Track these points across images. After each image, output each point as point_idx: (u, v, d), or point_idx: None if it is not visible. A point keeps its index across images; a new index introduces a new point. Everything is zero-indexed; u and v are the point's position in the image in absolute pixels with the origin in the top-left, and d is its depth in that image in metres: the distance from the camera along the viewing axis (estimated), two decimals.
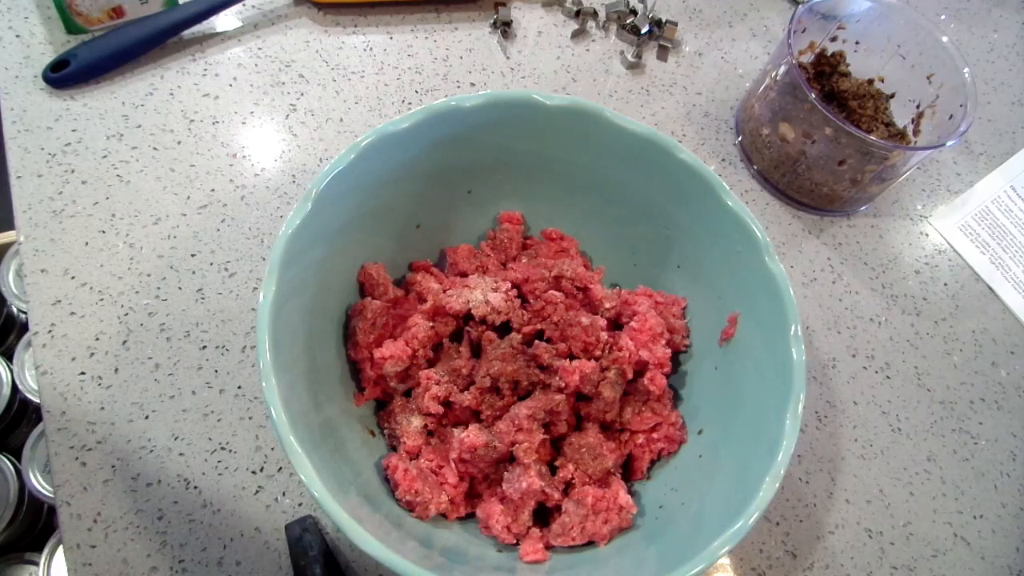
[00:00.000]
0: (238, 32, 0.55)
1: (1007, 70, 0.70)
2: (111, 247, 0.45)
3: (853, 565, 0.45)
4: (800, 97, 0.51)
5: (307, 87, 0.54)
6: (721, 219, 0.40)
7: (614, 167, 0.43)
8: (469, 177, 0.44)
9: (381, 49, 0.57)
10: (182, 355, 0.43)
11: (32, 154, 0.47)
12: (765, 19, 0.67)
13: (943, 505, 0.48)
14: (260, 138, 0.51)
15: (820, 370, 0.51)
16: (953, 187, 0.62)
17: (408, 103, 0.55)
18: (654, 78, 0.61)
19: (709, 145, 0.59)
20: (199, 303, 0.45)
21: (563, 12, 0.62)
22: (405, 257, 0.45)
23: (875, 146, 0.49)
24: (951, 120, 0.53)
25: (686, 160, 0.40)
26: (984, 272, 0.58)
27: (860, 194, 0.55)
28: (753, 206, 0.57)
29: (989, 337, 0.55)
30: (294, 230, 0.34)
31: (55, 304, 0.43)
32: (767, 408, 0.36)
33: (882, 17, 0.57)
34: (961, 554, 0.47)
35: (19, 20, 0.51)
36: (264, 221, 0.48)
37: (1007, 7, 0.75)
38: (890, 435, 0.50)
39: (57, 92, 0.49)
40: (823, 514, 0.46)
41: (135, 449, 0.40)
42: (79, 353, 0.42)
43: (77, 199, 0.46)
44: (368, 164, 0.38)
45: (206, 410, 0.42)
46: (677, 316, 0.44)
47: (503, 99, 0.40)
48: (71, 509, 0.38)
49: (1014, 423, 0.52)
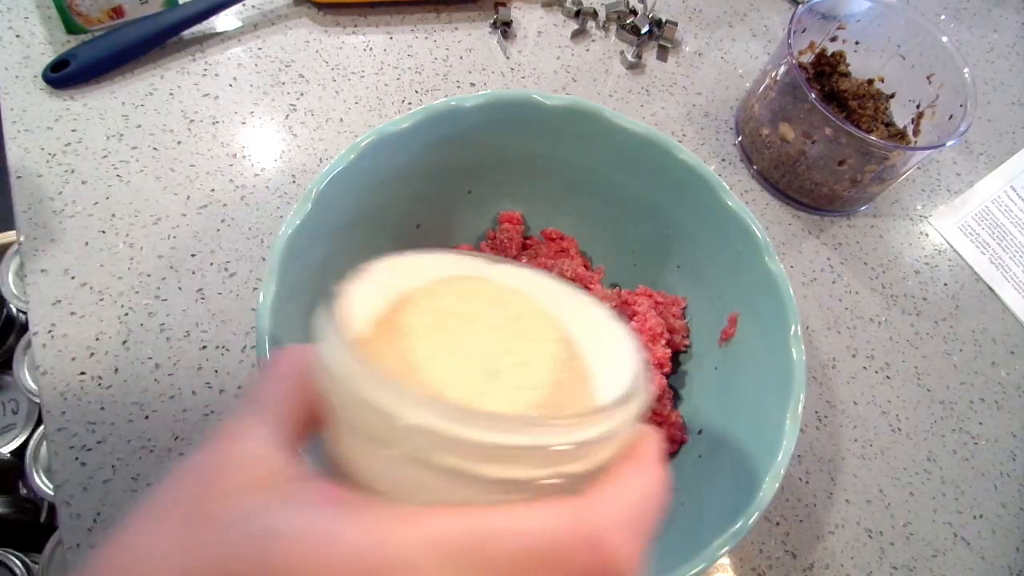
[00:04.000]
0: (238, 32, 0.55)
1: (1007, 70, 0.70)
2: (111, 247, 0.45)
3: (853, 565, 0.45)
4: (800, 97, 0.51)
5: (307, 87, 0.54)
6: (721, 219, 0.40)
7: (614, 167, 0.43)
8: (469, 177, 0.44)
9: (381, 49, 0.57)
10: (182, 355, 0.43)
11: (32, 154, 0.47)
12: (765, 19, 0.67)
13: (943, 505, 0.48)
14: (260, 138, 0.51)
15: (820, 370, 0.51)
16: (953, 187, 0.62)
17: (408, 103, 0.55)
18: (654, 78, 0.61)
19: (709, 145, 0.59)
20: (199, 303, 0.45)
21: (563, 12, 0.62)
22: None
23: (875, 146, 0.49)
24: (951, 120, 0.53)
25: (686, 160, 0.40)
26: (984, 272, 0.58)
27: (860, 194, 0.55)
28: (753, 206, 0.57)
29: (989, 337, 0.55)
30: (294, 230, 0.34)
31: (55, 304, 0.43)
32: (767, 408, 0.36)
33: (882, 17, 0.57)
34: (961, 554, 0.47)
35: (19, 20, 0.51)
36: (264, 221, 0.48)
37: (1007, 7, 0.75)
38: (890, 435, 0.50)
39: (57, 92, 0.49)
40: (823, 514, 0.46)
41: (135, 449, 0.40)
42: (79, 353, 0.42)
43: (77, 199, 0.46)
44: (368, 164, 0.38)
45: (206, 410, 0.42)
46: (677, 316, 0.44)
47: (503, 99, 0.40)
48: (71, 509, 0.38)
49: (1014, 423, 0.52)
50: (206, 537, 0.17)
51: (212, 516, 0.18)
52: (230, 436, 0.20)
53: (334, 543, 0.16)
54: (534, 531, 0.17)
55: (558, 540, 0.17)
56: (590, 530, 0.17)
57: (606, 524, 0.17)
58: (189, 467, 0.19)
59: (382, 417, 0.18)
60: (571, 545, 0.17)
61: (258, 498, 0.18)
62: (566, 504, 0.17)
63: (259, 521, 0.17)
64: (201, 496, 0.18)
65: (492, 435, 0.17)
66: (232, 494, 0.18)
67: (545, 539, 0.17)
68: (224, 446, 0.19)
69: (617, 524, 0.17)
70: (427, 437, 0.17)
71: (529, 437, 0.17)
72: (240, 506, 0.18)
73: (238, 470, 0.19)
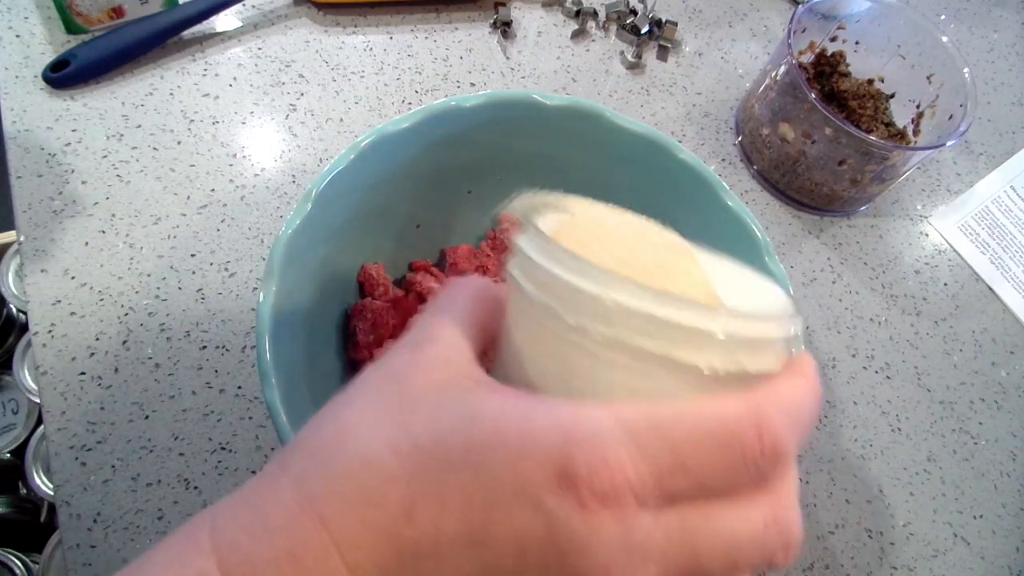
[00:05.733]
0: (238, 32, 0.55)
1: (1007, 70, 0.70)
2: (111, 247, 0.45)
3: (853, 565, 0.45)
4: (800, 97, 0.51)
5: (307, 87, 0.54)
6: (721, 219, 0.40)
7: (614, 167, 0.43)
8: (469, 177, 0.44)
9: (381, 49, 0.57)
10: (182, 355, 0.43)
11: (32, 154, 0.47)
12: (765, 19, 0.67)
13: (943, 505, 0.48)
14: (260, 138, 0.51)
15: (820, 370, 0.51)
16: (953, 187, 0.62)
17: (408, 103, 0.55)
18: (654, 78, 0.61)
19: (709, 145, 0.59)
20: (199, 303, 0.45)
21: (563, 12, 0.62)
22: (405, 257, 0.45)
23: (875, 146, 0.49)
24: (951, 120, 0.53)
25: (686, 160, 0.40)
26: (984, 272, 0.58)
27: (860, 194, 0.55)
28: (753, 206, 0.57)
29: (989, 337, 0.55)
30: (294, 230, 0.34)
31: (55, 304, 0.43)
32: None
33: (882, 17, 0.57)
34: (961, 554, 0.47)
35: (19, 20, 0.51)
36: (264, 221, 0.48)
37: (1007, 7, 0.75)
38: (890, 435, 0.50)
39: (57, 92, 0.49)
40: (823, 514, 0.46)
41: (135, 449, 0.40)
42: (79, 353, 0.42)
43: (77, 199, 0.46)
44: (368, 164, 0.38)
45: (206, 410, 0.42)
46: None
47: (503, 99, 0.40)
48: (71, 509, 0.38)
49: (1014, 423, 0.52)
50: (414, 416, 0.19)
51: (417, 400, 0.20)
52: (425, 340, 0.22)
53: (531, 419, 0.18)
54: (712, 415, 0.18)
55: (731, 423, 0.18)
56: (759, 416, 0.19)
57: (773, 414, 0.19)
58: (390, 364, 0.21)
59: (588, 299, 0.19)
60: (743, 428, 0.18)
61: (456, 389, 0.20)
62: (740, 396, 0.19)
63: (462, 403, 0.19)
64: (405, 387, 0.20)
65: (691, 317, 0.19)
66: (432, 387, 0.20)
67: (721, 422, 0.18)
68: (422, 348, 0.21)
69: (783, 415, 0.19)
70: (631, 318, 0.19)
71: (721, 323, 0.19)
72: (444, 393, 0.20)
73: (435, 369, 0.21)
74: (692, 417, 0.18)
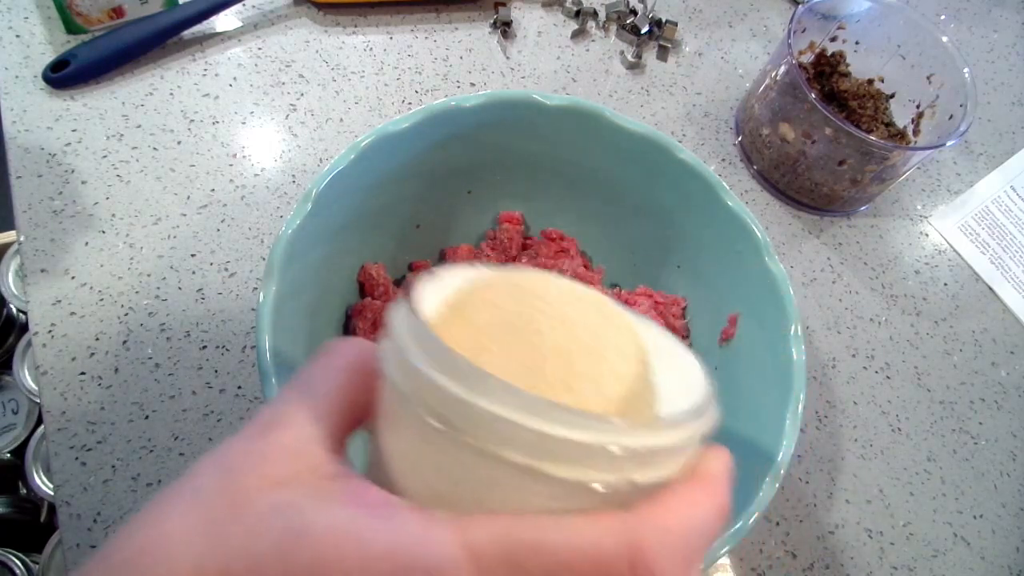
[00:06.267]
0: (238, 32, 0.55)
1: (1007, 70, 0.70)
2: (111, 247, 0.45)
3: (853, 565, 0.45)
4: (800, 97, 0.51)
5: (307, 87, 0.54)
6: (721, 219, 0.40)
7: (614, 167, 0.43)
8: (469, 177, 0.44)
9: (381, 49, 0.57)
10: (182, 355, 0.43)
11: (32, 154, 0.47)
12: (765, 19, 0.67)
13: (943, 505, 0.48)
14: (260, 138, 0.51)
15: (820, 370, 0.51)
16: (953, 187, 0.62)
17: (408, 103, 0.55)
18: (654, 78, 0.61)
19: (709, 145, 0.59)
20: (199, 303, 0.45)
21: (563, 12, 0.62)
22: (405, 257, 0.45)
23: (875, 146, 0.49)
24: (951, 120, 0.53)
25: (686, 160, 0.40)
26: (984, 272, 0.58)
27: (860, 194, 0.55)
28: (753, 206, 0.57)
29: (989, 337, 0.55)
30: (294, 230, 0.34)
31: (55, 304, 0.43)
32: (767, 408, 0.36)
33: (882, 17, 0.57)
34: (961, 554, 0.47)
35: (19, 20, 0.51)
36: (264, 221, 0.48)
37: (1007, 7, 0.75)
38: (890, 435, 0.50)
39: (57, 92, 0.49)
40: (823, 514, 0.46)
41: (135, 449, 0.40)
42: (79, 353, 0.42)
43: (77, 199, 0.46)
44: (368, 164, 0.38)
45: (206, 410, 0.42)
46: (677, 316, 0.44)
47: (503, 99, 0.40)
48: (71, 509, 0.38)
49: (1014, 423, 0.52)
50: (233, 527, 0.17)
51: (242, 506, 0.17)
52: (273, 424, 0.19)
53: (366, 542, 0.16)
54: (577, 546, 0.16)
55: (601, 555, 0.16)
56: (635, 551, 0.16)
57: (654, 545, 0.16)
58: (226, 452, 0.19)
59: (458, 404, 0.17)
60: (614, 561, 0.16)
61: (292, 493, 0.17)
62: (617, 519, 0.16)
63: (290, 516, 0.17)
64: (234, 485, 0.17)
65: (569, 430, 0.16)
66: (266, 486, 0.17)
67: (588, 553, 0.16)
68: (265, 434, 0.19)
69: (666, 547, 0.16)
70: (502, 427, 0.16)
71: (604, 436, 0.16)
72: (273, 499, 0.17)
73: (276, 462, 0.18)
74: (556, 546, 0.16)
